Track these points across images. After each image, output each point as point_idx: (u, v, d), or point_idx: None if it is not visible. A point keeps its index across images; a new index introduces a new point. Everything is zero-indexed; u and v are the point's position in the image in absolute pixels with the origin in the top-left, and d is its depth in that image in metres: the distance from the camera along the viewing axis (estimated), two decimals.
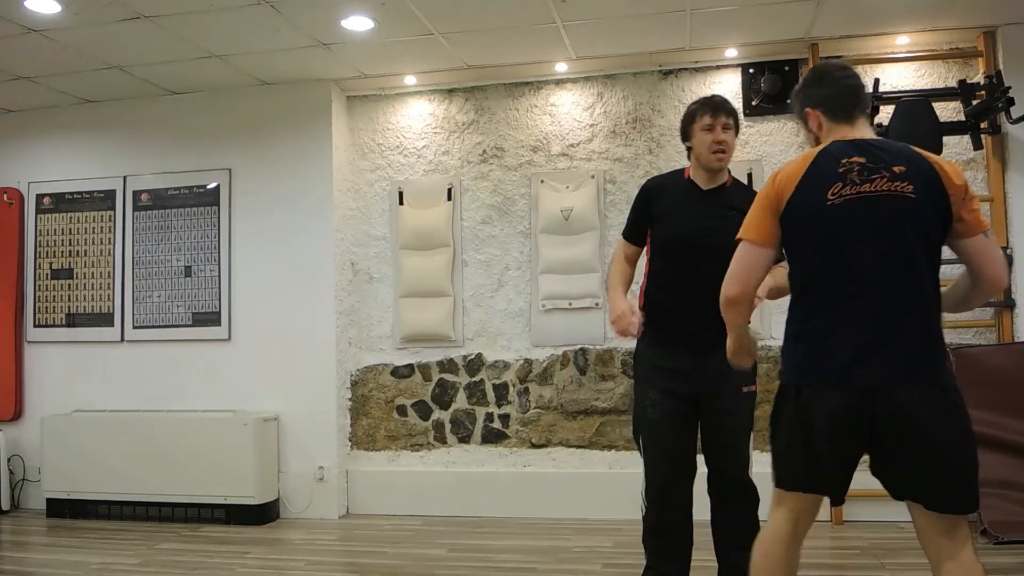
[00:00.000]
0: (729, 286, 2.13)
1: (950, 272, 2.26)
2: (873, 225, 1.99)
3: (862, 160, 2.02)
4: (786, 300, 2.24)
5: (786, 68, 4.72)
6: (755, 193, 2.54)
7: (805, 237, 2.07)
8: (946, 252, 2.11)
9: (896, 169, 2.00)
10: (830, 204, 2.01)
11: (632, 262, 3.02)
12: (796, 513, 2.14)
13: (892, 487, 2.14)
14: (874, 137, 2.13)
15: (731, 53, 4.70)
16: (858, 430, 2.00)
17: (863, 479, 2.20)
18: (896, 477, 2.10)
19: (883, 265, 2.00)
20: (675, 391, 2.79)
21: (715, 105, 2.86)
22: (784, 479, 2.13)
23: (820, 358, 2.03)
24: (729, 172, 2.92)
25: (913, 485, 2.10)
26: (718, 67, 4.82)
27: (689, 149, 2.91)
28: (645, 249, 2.97)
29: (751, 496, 2.80)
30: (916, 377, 1.99)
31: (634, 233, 2.99)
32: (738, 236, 2.14)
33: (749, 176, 4.64)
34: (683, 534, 2.82)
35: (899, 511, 4.57)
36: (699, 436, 2.84)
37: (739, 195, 2.81)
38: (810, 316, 2.08)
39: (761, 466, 2.50)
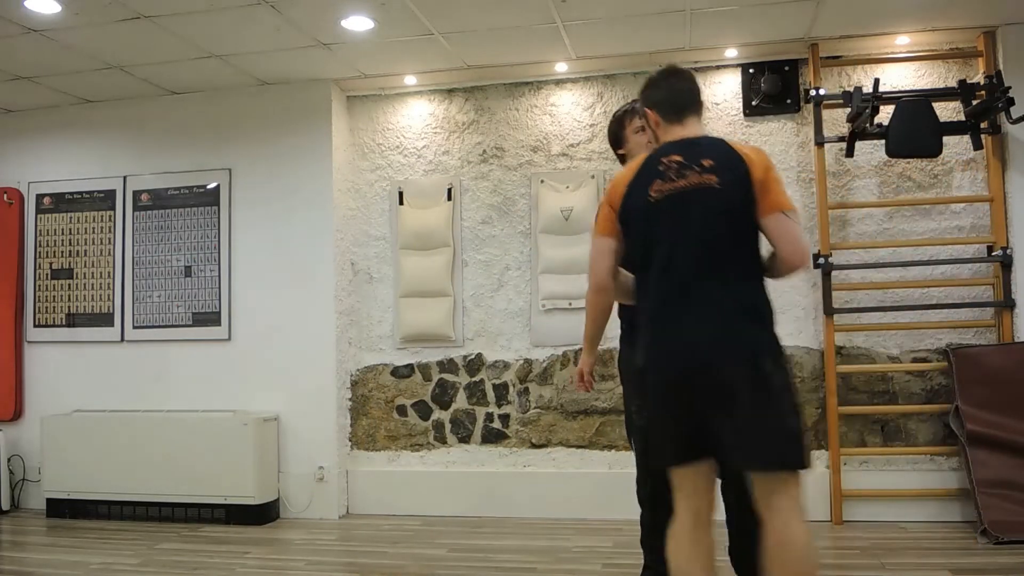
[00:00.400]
0: (588, 278, 2.47)
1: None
2: (685, 215, 2.26)
3: (679, 158, 2.29)
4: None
5: (786, 68, 4.72)
6: None
7: (636, 231, 2.35)
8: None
9: (705, 163, 2.26)
10: (652, 200, 2.29)
11: None
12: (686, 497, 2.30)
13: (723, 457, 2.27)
14: (697, 135, 2.37)
15: (731, 53, 4.70)
16: (689, 399, 2.21)
17: (863, 479, 2.20)
18: (725, 444, 2.21)
19: (693, 249, 2.25)
20: None
21: (637, 110, 2.96)
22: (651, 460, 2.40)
23: (656, 339, 2.29)
24: None
25: (736, 449, 2.20)
26: (718, 67, 4.82)
27: (622, 156, 3.01)
28: None
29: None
30: (726, 347, 2.19)
31: None
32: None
33: None
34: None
35: (899, 511, 4.61)
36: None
37: None
38: (642, 300, 2.37)
39: None
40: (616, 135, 3.04)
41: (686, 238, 2.25)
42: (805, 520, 2.20)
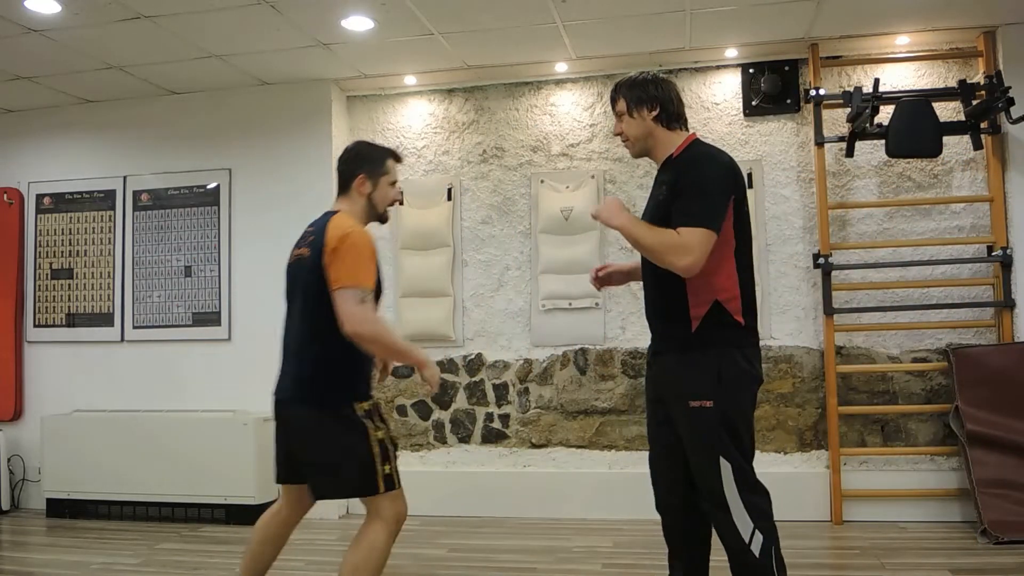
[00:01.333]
0: None
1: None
2: (289, 284, 2.77)
3: (308, 229, 2.73)
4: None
5: (786, 68, 4.72)
6: (691, 166, 2.51)
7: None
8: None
9: (309, 237, 2.65)
10: (287, 265, 2.78)
11: None
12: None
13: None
14: (330, 211, 2.71)
15: (731, 53, 4.70)
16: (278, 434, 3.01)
17: (863, 479, 2.20)
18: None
19: (289, 316, 2.80)
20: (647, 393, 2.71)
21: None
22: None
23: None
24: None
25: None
26: (718, 67, 4.82)
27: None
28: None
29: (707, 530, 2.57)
30: (291, 396, 2.87)
31: None
32: None
33: (749, 176, 4.64)
34: (675, 535, 2.63)
35: (899, 511, 4.62)
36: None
37: (669, 172, 2.55)
38: None
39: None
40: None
41: (289, 307, 2.82)
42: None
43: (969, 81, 4.38)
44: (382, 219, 2.81)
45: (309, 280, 2.58)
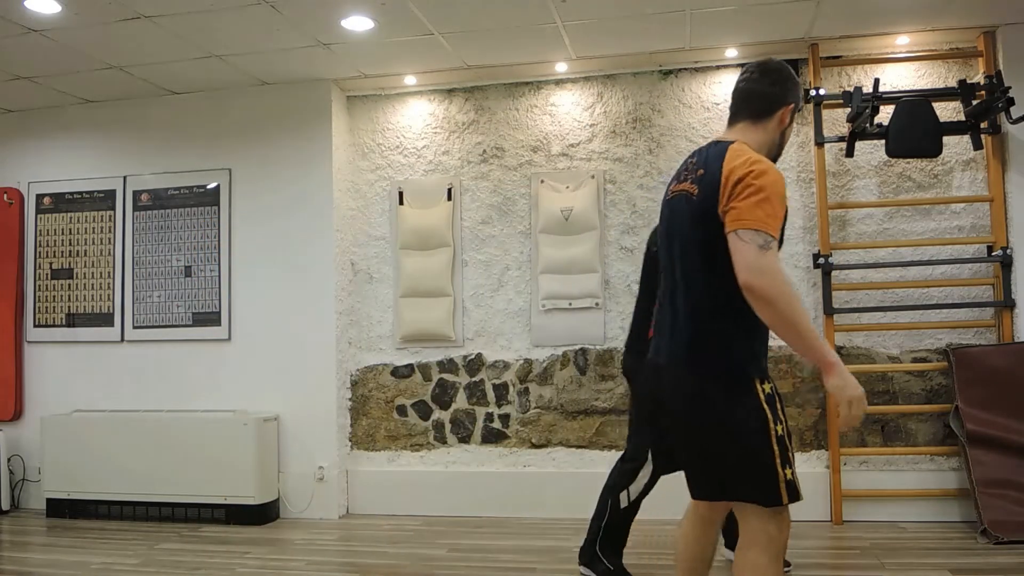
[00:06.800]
0: None
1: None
2: (669, 223, 2.22)
3: (691, 161, 2.20)
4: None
5: None
6: None
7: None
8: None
9: (699, 172, 2.12)
10: (665, 200, 2.27)
11: None
12: None
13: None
14: (727, 140, 2.17)
15: (731, 53, 4.70)
16: (654, 403, 2.30)
17: (863, 479, 2.21)
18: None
19: (669, 261, 2.21)
20: None
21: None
22: None
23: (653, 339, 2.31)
24: None
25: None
26: (718, 67, 4.82)
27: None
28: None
29: None
30: (676, 361, 2.15)
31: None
32: None
33: None
34: None
35: (899, 511, 4.62)
36: None
37: None
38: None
39: None
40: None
41: (668, 250, 2.23)
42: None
43: (969, 81, 4.37)
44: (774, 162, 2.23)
45: (697, 216, 2.09)
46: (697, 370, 2.10)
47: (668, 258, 2.22)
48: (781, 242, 2.09)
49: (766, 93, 2.20)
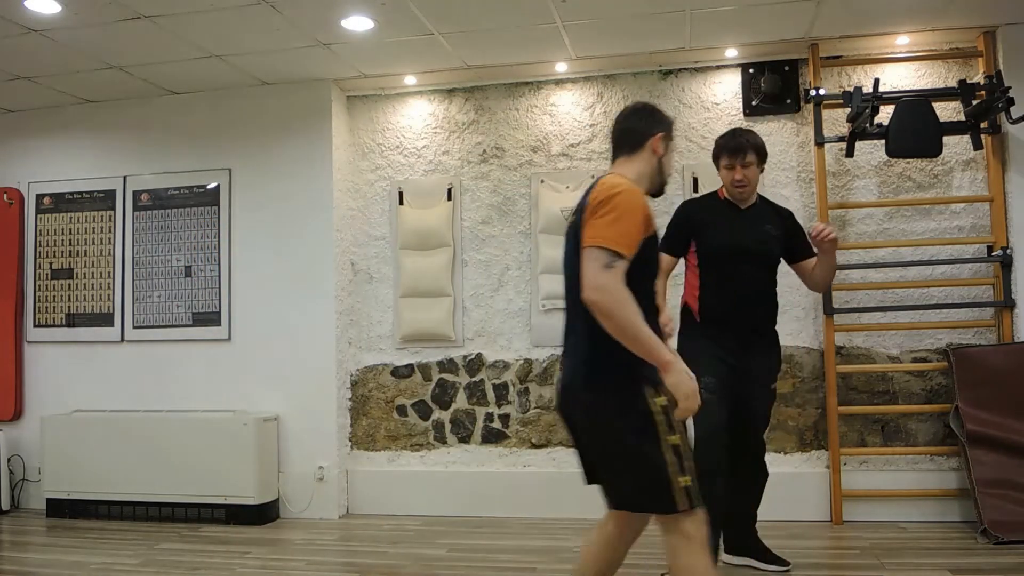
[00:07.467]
0: None
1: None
2: (564, 252, 2.51)
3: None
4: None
5: (786, 68, 4.72)
6: (780, 211, 3.60)
7: None
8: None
9: (579, 203, 2.37)
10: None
11: (667, 275, 3.51)
12: None
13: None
14: (608, 173, 2.43)
15: (731, 53, 4.70)
16: (566, 422, 2.55)
17: (863, 479, 2.21)
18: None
19: (568, 286, 2.48)
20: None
21: (733, 149, 3.36)
22: None
23: None
24: (756, 193, 3.51)
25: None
26: (718, 67, 4.82)
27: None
28: (689, 262, 3.49)
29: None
30: (575, 379, 2.44)
31: (674, 245, 3.49)
32: None
33: None
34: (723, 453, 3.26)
35: (899, 511, 4.62)
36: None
37: (765, 213, 3.50)
38: None
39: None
40: (714, 162, 3.50)
41: (566, 274, 2.51)
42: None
43: (969, 81, 4.37)
44: (661, 190, 2.52)
45: (576, 247, 2.29)
46: (591, 384, 2.34)
47: (567, 285, 2.48)
48: (651, 270, 2.37)
49: (634, 128, 2.47)
